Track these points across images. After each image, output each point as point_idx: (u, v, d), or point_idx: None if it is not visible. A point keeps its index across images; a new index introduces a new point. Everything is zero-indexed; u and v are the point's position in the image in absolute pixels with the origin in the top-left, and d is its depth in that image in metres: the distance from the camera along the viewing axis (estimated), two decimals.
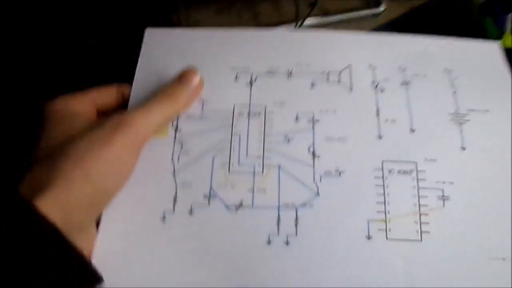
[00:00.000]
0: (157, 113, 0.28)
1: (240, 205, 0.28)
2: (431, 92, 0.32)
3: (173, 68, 0.31)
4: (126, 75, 0.32)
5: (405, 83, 0.32)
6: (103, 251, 0.27)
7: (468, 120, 0.31)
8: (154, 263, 0.27)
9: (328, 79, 0.32)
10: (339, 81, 0.32)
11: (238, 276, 0.26)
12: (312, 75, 0.32)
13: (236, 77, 0.32)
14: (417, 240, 0.28)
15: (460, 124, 0.31)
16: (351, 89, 0.32)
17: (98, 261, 0.26)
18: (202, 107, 0.31)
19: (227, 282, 0.26)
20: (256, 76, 0.32)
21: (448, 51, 0.34)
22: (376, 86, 0.32)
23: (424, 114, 0.31)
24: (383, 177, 0.29)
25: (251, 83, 0.32)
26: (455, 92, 0.32)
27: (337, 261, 0.27)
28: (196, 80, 0.30)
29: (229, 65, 0.33)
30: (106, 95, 0.30)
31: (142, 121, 0.27)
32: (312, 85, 0.32)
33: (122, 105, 0.31)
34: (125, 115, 0.27)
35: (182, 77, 0.30)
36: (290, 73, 0.32)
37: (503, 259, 0.28)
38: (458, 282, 0.27)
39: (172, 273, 0.26)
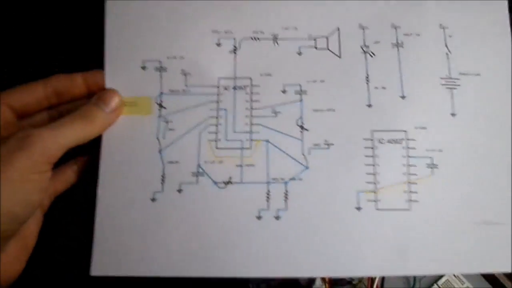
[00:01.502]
0: (67, 134, 0.25)
1: (229, 182, 0.28)
2: (424, 54, 0.30)
3: (148, 37, 0.29)
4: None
5: (397, 45, 0.31)
6: (101, 236, 0.27)
7: (459, 85, 0.30)
8: (147, 243, 0.27)
9: (316, 46, 0.30)
10: (327, 47, 0.30)
11: (229, 253, 0.27)
12: (299, 40, 0.31)
13: (218, 43, 0.30)
14: (406, 209, 0.28)
15: (451, 89, 0.30)
16: (340, 55, 0.30)
17: (98, 247, 0.27)
18: (185, 81, 0.30)
19: (218, 259, 0.27)
20: (240, 42, 0.30)
21: (446, 5, 0.31)
22: (366, 50, 0.30)
23: (415, 79, 0.30)
24: (372, 147, 0.29)
25: (235, 50, 0.30)
26: (448, 53, 0.30)
27: (327, 234, 0.27)
28: (114, 101, 0.28)
29: (209, 28, 0.30)
30: (69, 83, 0.28)
31: (50, 141, 0.24)
32: (300, 52, 0.30)
33: (91, 94, 0.29)
34: (32, 132, 0.24)
35: (99, 98, 0.28)
36: (276, 38, 0.31)
37: (491, 223, 0.28)
38: (447, 248, 0.28)
39: (164, 252, 0.27)
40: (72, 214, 0.31)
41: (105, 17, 0.30)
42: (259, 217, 0.27)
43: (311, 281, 0.37)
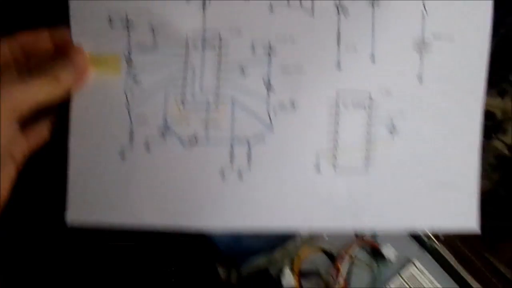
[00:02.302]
0: (35, 91, 0.25)
1: (194, 140, 0.29)
2: (399, 12, 0.29)
3: None
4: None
5: (373, 3, 0.29)
6: (75, 188, 0.29)
7: (431, 48, 0.29)
8: (117, 196, 0.29)
9: (289, 2, 0.29)
10: (300, 4, 0.29)
11: (194, 211, 0.29)
12: None
13: None
14: (363, 171, 0.30)
15: (422, 53, 0.29)
16: (312, 13, 0.29)
17: (72, 203, 0.29)
18: (154, 36, 0.29)
19: (184, 217, 0.29)
20: None
21: None
22: (341, 9, 0.29)
23: (387, 39, 0.29)
24: (337, 110, 0.29)
25: (204, 5, 0.29)
26: (424, 12, 0.29)
27: (286, 192, 0.29)
28: (79, 59, 0.27)
29: None
30: (35, 40, 0.28)
31: (18, 95, 0.25)
32: (271, 8, 0.29)
33: (59, 51, 0.28)
34: (1, 85, 0.24)
35: (64, 56, 0.27)
36: None
37: (449, 185, 0.30)
38: (400, 209, 0.30)
39: (134, 203, 0.29)
40: (48, 169, 0.32)
41: None
42: (222, 176, 0.29)
43: (280, 271, 0.40)
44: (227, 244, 0.42)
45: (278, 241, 0.43)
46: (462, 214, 0.30)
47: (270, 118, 0.29)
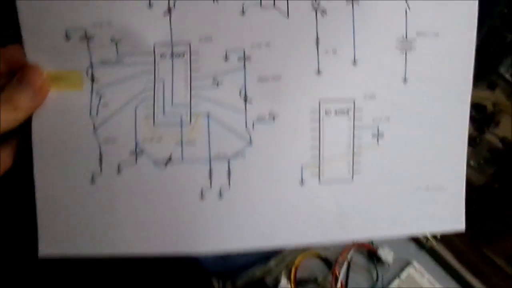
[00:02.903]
0: None
1: (169, 160, 0.27)
2: (381, 10, 0.27)
3: (66, 2, 0.25)
4: None
5: (352, 2, 0.27)
6: (45, 219, 0.27)
7: (415, 47, 0.28)
8: (90, 224, 0.27)
9: (260, 4, 0.27)
10: (273, 4, 0.27)
11: (172, 234, 0.27)
12: None
13: (149, 4, 0.27)
14: (349, 180, 0.28)
15: (406, 51, 0.28)
16: (287, 14, 0.27)
17: (43, 234, 0.27)
18: (117, 50, 0.27)
19: (161, 241, 0.27)
20: (175, 1, 0.27)
21: None
22: (317, 7, 0.27)
23: (369, 40, 0.27)
24: (319, 119, 0.27)
25: (169, 11, 0.27)
26: (407, 9, 0.28)
27: (270, 209, 0.27)
28: (38, 79, 0.25)
29: None
30: None
31: None
32: (243, 11, 0.27)
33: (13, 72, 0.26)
34: None
35: (21, 78, 0.25)
36: None
37: (436, 189, 0.29)
38: (389, 216, 0.28)
39: (108, 231, 0.27)
40: (15, 198, 0.30)
41: None
42: (202, 196, 0.27)
43: (277, 280, 0.39)
44: (214, 262, 0.41)
45: (272, 250, 0.42)
46: (450, 216, 0.29)
47: (248, 132, 0.27)
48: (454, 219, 0.29)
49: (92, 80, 0.27)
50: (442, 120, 0.28)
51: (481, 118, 0.39)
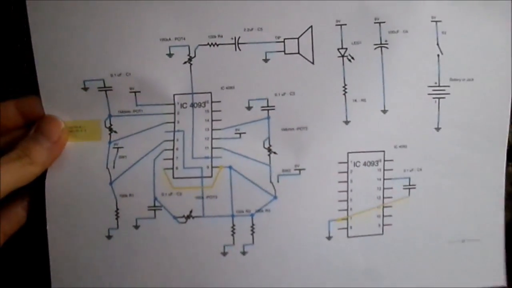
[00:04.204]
0: (4, 179, 0.22)
1: (189, 216, 0.26)
2: (412, 55, 0.26)
3: (84, 54, 0.25)
4: None
5: (381, 45, 0.26)
6: (58, 277, 0.26)
7: (448, 93, 0.26)
8: (106, 283, 0.26)
9: (284, 50, 0.26)
10: (298, 51, 0.26)
11: None
12: (264, 44, 0.26)
13: (169, 53, 0.26)
14: (379, 234, 0.26)
15: (439, 99, 0.26)
16: (312, 61, 0.26)
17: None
18: (136, 100, 0.25)
19: None
20: (195, 50, 0.26)
21: None
22: (344, 53, 0.26)
23: (399, 88, 0.26)
24: (347, 171, 0.26)
25: (190, 60, 0.26)
26: (440, 54, 0.26)
27: (296, 266, 0.26)
28: (56, 131, 0.24)
29: (157, 36, 0.25)
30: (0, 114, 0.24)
31: None
32: (266, 59, 0.26)
33: (29, 123, 0.25)
34: None
35: (38, 130, 0.24)
36: (238, 42, 0.26)
37: (469, 240, 0.27)
38: (420, 269, 0.27)
39: None
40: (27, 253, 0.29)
41: (31, 34, 0.25)
42: (224, 253, 0.26)
43: None
44: None
45: None
46: (488, 271, 0.28)
47: (273, 186, 0.26)
48: (493, 274, 0.27)
49: (110, 130, 0.26)
50: (477, 169, 0.27)
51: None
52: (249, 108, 0.26)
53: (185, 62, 0.26)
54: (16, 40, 0.27)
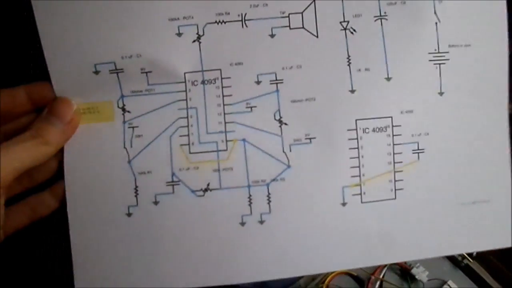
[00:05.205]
0: (17, 155, 0.23)
1: (207, 189, 0.26)
2: (410, 25, 0.27)
3: (93, 38, 0.25)
4: None
5: (380, 17, 0.27)
6: (80, 257, 0.26)
7: (448, 59, 0.27)
8: (127, 259, 0.26)
9: (289, 25, 0.27)
10: (302, 25, 0.27)
11: (213, 263, 0.26)
12: (270, 20, 0.27)
13: (178, 32, 0.26)
14: (392, 199, 0.27)
15: (439, 65, 0.27)
16: (317, 34, 0.27)
17: (79, 269, 0.26)
18: (147, 80, 0.26)
19: (203, 270, 0.26)
20: (204, 28, 0.27)
21: None
22: (346, 26, 0.27)
23: (401, 56, 0.27)
24: (357, 138, 0.27)
25: (199, 39, 0.27)
26: (437, 22, 0.27)
27: (312, 233, 0.26)
28: (68, 112, 0.25)
29: (166, 16, 0.26)
30: (12, 100, 0.25)
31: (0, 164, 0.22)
32: (272, 34, 0.27)
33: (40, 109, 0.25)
34: None
35: (50, 111, 0.25)
36: (244, 18, 0.27)
37: (481, 202, 0.28)
38: (435, 231, 0.28)
39: (146, 265, 0.26)
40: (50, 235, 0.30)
41: (36, 21, 0.25)
42: (242, 223, 0.26)
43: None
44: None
45: None
46: (496, 232, 0.28)
47: (286, 155, 0.26)
48: (501, 235, 0.28)
49: (124, 111, 0.26)
50: (481, 131, 0.28)
51: None
52: (258, 82, 0.27)
53: (194, 41, 0.27)
54: (24, 26, 0.28)
